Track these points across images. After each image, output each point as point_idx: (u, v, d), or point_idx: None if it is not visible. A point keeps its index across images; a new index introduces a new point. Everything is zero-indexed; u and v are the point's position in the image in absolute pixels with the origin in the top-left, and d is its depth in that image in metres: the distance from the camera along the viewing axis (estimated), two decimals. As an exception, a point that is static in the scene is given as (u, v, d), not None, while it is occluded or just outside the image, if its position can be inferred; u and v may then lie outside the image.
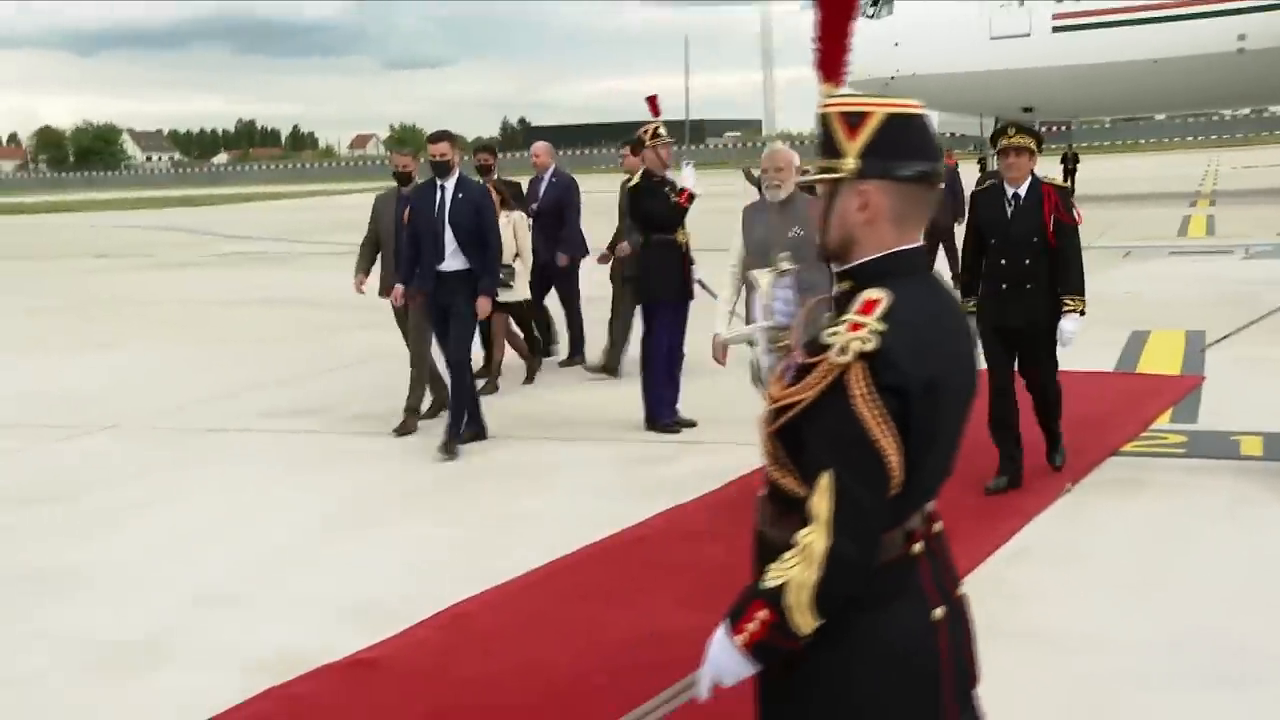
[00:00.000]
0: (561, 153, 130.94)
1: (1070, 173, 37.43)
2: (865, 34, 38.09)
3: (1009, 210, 6.52)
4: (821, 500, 2.07)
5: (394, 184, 9.04)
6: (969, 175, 19.91)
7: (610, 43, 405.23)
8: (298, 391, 10.19)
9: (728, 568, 5.44)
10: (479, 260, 7.95)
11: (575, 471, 7.43)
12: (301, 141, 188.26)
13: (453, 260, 7.94)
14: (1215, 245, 19.45)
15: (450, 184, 8.01)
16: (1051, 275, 6.48)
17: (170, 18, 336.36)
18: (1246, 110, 55.10)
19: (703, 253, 8.76)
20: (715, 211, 13.10)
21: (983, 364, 6.31)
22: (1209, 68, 32.91)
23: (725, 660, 2.19)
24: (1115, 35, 33.73)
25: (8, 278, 22.66)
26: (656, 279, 8.38)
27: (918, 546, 2.20)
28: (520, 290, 10.00)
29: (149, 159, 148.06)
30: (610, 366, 10.32)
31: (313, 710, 4.30)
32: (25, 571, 5.87)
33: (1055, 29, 34.90)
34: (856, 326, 2.07)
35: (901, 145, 2.17)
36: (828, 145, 2.21)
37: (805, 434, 2.12)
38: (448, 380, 8.27)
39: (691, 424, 8.34)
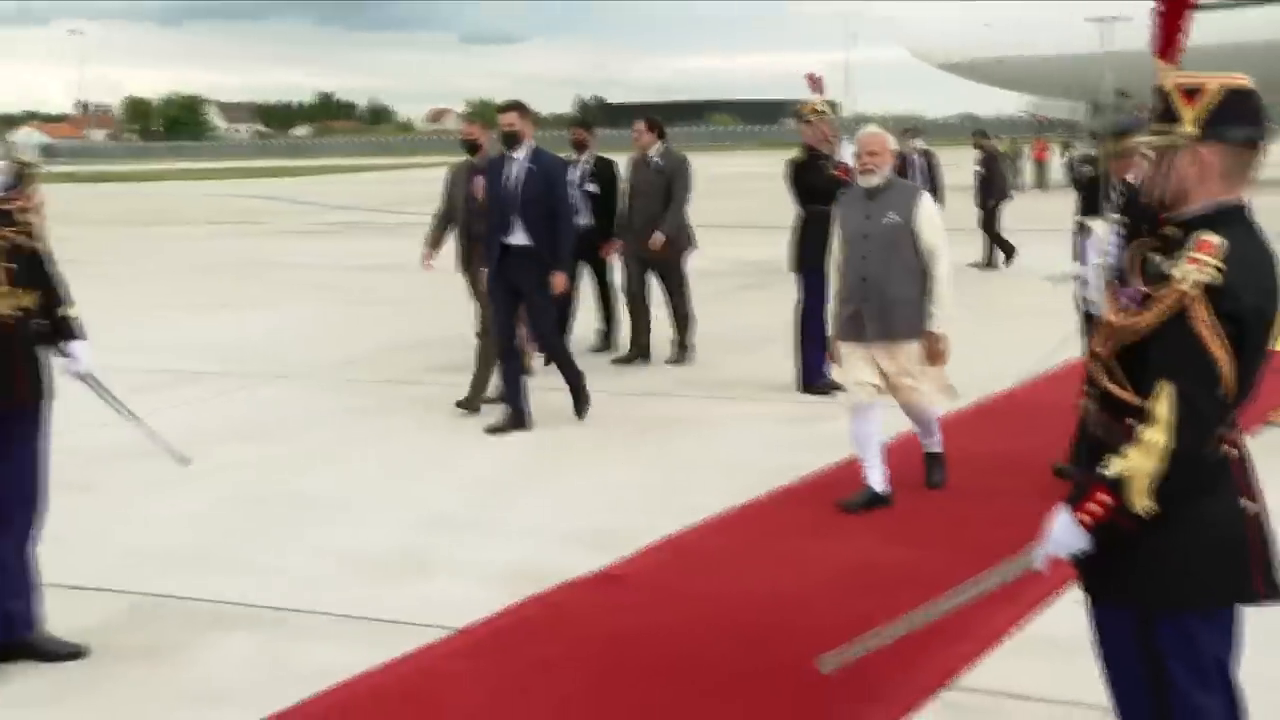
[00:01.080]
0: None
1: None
2: (955, 16, 38.34)
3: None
4: (1162, 405, 2.55)
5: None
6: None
7: (683, 21, 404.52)
8: (453, 351, 10.77)
9: (919, 512, 5.99)
10: (549, 236, 7.74)
11: (742, 427, 7.93)
12: (379, 114, 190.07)
13: (520, 235, 7.74)
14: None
15: (521, 155, 7.79)
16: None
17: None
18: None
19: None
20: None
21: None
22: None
23: (1066, 537, 2.68)
24: (1219, 17, 33.59)
25: (141, 242, 23.58)
26: (815, 248, 8.82)
27: (1232, 450, 2.67)
28: None
29: (234, 130, 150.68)
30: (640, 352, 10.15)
31: (573, 615, 4.86)
32: (283, 497, 6.51)
33: (1156, 11, 34.70)
34: (1195, 262, 2.54)
35: (1232, 114, 2.63)
36: (1165, 113, 2.68)
37: (1150, 351, 2.59)
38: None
39: (842, 387, 8.80)
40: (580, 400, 8.13)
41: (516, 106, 7.87)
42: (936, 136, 19.12)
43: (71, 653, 4.48)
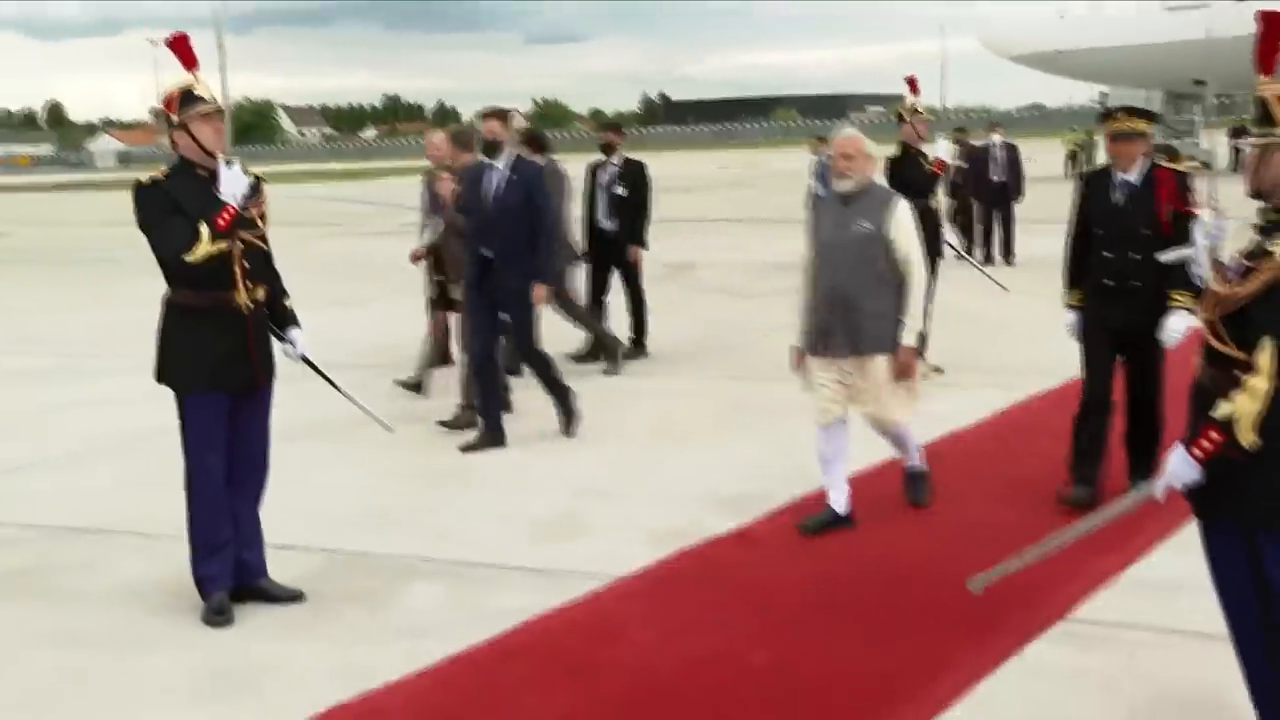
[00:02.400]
0: (702, 127, 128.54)
1: (1239, 149, 37.27)
2: (1032, 9, 38.54)
3: (1117, 198, 5.95)
4: (1265, 357, 3.12)
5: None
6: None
7: (745, 18, 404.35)
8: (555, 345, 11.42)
9: (1024, 479, 6.54)
10: (530, 246, 7.52)
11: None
12: (446, 116, 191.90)
13: (501, 246, 7.53)
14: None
15: (501, 164, 7.55)
16: (1164, 274, 5.72)
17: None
18: None
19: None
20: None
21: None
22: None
23: (1182, 469, 3.27)
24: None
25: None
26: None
27: None
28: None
29: (301, 133, 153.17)
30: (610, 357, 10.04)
31: (719, 566, 5.49)
32: (439, 470, 7.23)
33: (1237, -2, 34.71)
34: (1292, 241, 3.10)
35: None
36: (1264, 118, 3.25)
37: (1252, 313, 3.16)
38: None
39: (939, 370, 9.36)
40: (568, 417, 7.90)
41: (498, 114, 7.67)
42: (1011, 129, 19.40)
43: (293, 596, 5.18)
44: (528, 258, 7.54)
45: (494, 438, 7.63)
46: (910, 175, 9.39)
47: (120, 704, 4.37)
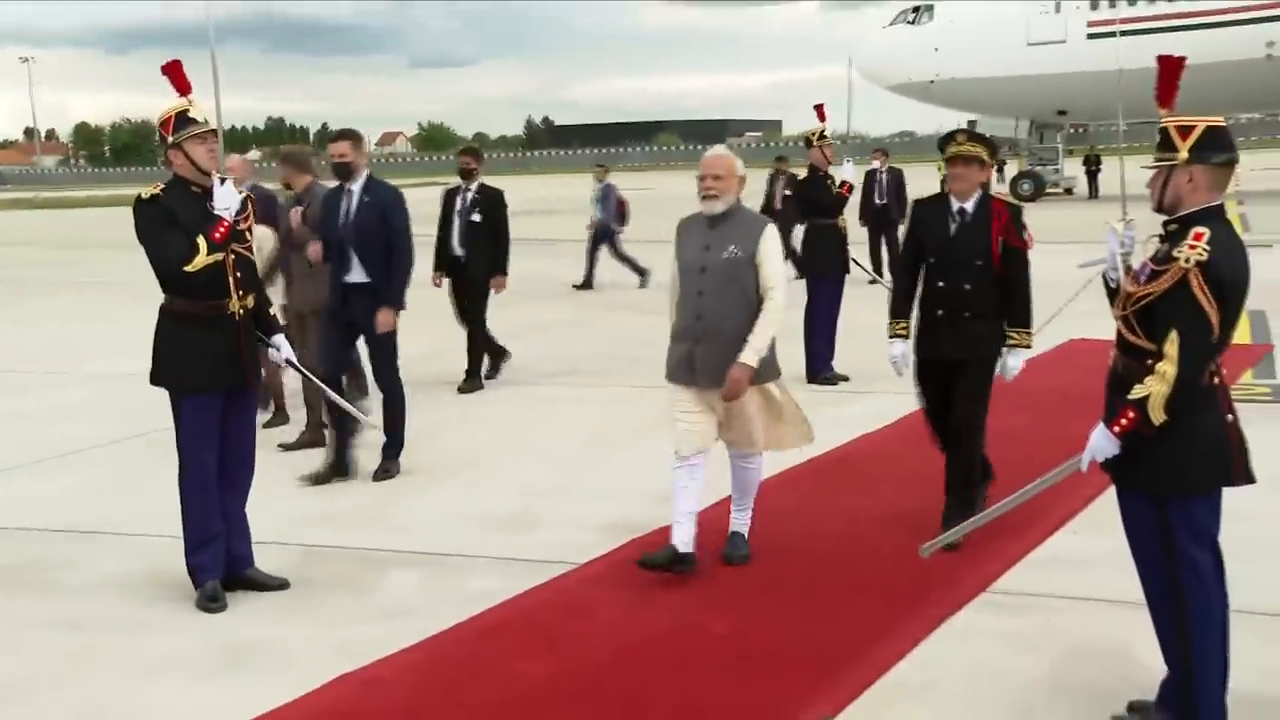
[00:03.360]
0: (589, 151, 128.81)
1: (1093, 174, 39.04)
2: (906, 40, 39.76)
3: (952, 227, 5.77)
4: (1172, 346, 3.63)
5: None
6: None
7: (630, 43, 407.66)
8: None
9: (929, 475, 7.04)
10: (382, 270, 7.14)
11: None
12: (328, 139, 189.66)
13: (358, 272, 7.19)
14: (1254, 240, 20.89)
15: (356, 188, 7.20)
16: (994, 305, 5.74)
17: (198, 17, 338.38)
18: (1258, 114, 56.23)
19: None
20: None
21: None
22: (1239, 73, 34.33)
23: (1103, 444, 3.77)
24: (1148, 41, 35.21)
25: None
26: (821, 256, 9.98)
27: (1216, 380, 3.76)
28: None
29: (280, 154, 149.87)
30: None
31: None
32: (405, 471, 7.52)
33: (1090, 35, 36.40)
34: (1192, 248, 3.63)
35: (1214, 144, 3.72)
36: (1165, 144, 3.77)
37: (1157, 310, 3.67)
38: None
39: (845, 378, 9.90)
40: (391, 451, 7.41)
41: (348, 135, 7.29)
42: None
43: (279, 584, 5.46)
44: (383, 282, 7.17)
45: (341, 467, 7.23)
46: (818, 195, 9.97)
47: (128, 681, 4.62)
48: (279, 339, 5.53)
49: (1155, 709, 3.93)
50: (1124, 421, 3.72)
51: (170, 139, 5.17)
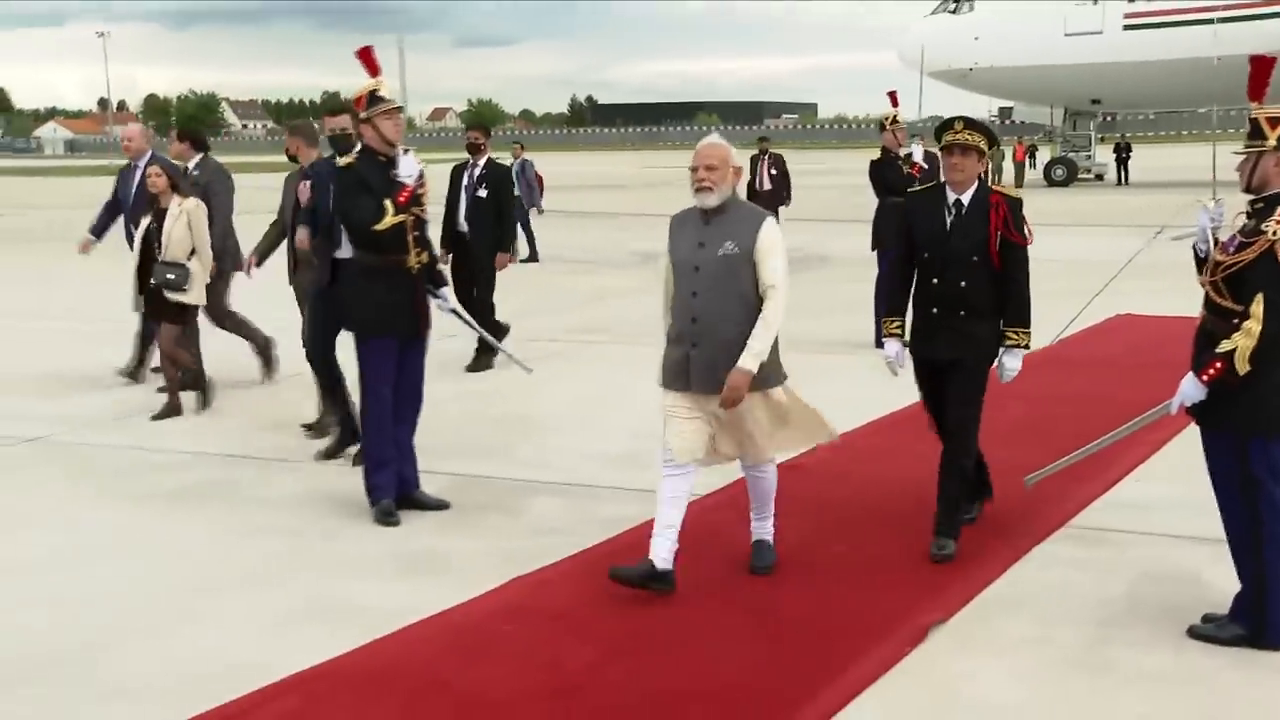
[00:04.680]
0: (631, 129, 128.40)
1: (1123, 161, 39.18)
2: (947, 28, 39.87)
3: (947, 220, 5.24)
4: (1258, 307, 4.10)
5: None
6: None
7: (669, 26, 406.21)
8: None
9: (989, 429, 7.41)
10: None
11: (842, 373, 9.44)
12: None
13: (348, 249, 6.28)
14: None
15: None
16: (992, 303, 5.25)
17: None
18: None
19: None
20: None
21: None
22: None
23: (1192, 390, 4.25)
24: (1183, 34, 35.29)
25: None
26: (891, 232, 10.40)
27: None
28: (195, 294, 8.16)
29: (245, 126, 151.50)
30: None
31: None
32: (517, 415, 8.02)
33: (1126, 27, 36.48)
34: (1279, 223, 4.08)
35: None
36: (1256, 133, 4.22)
37: (1245, 276, 4.13)
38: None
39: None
40: (343, 439, 6.99)
41: (349, 109, 6.57)
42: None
43: (441, 505, 6.01)
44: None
45: (351, 436, 6.87)
46: (889, 175, 10.40)
47: (330, 578, 5.18)
48: (446, 290, 6.07)
49: (1229, 620, 4.40)
50: (1211, 371, 4.19)
51: (362, 114, 5.68)
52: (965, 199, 5.23)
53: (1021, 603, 4.86)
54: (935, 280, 5.24)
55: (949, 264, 5.20)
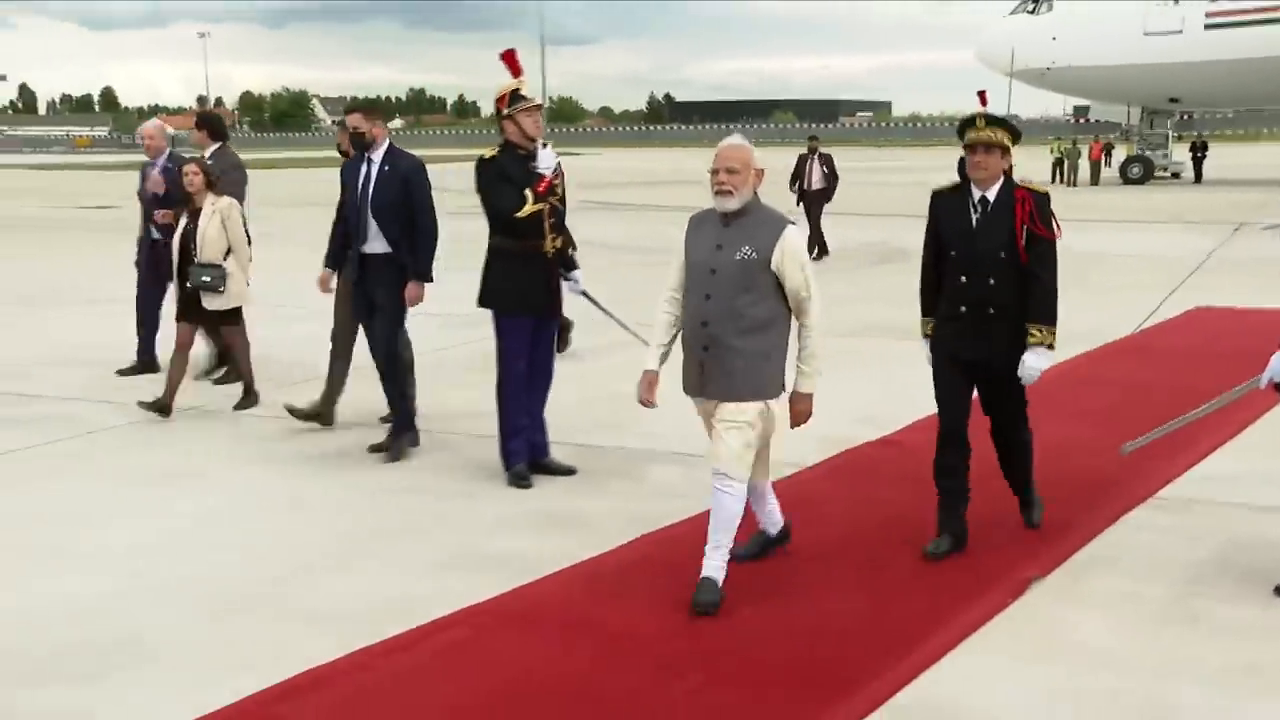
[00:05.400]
0: (707, 126, 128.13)
1: (1199, 160, 38.72)
2: (1026, 28, 39.65)
3: (973, 218, 5.08)
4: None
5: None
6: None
7: (742, 26, 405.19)
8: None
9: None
10: (406, 242, 6.61)
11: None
12: (465, 109, 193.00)
13: (375, 243, 6.64)
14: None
15: (377, 157, 6.66)
16: (1022, 301, 5.05)
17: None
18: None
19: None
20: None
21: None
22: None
23: (1280, 367, 4.52)
24: (1265, 33, 34.75)
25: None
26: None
27: None
28: (236, 295, 7.96)
29: (333, 122, 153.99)
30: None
31: (873, 461, 6.72)
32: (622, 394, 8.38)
33: (1208, 26, 36.01)
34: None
35: None
36: None
37: None
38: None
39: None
40: (399, 426, 6.93)
41: (359, 106, 6.82)
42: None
43: (569, 470, 6.42)
44: (406, 255, 6.66)
45: (409, 436, 6.95)
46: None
47: (475, 533, 5.62)
48: (577, 273, 6.48)
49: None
50: (1300, 349, 4.47)
51: (505, 111, 6.10)
52: (991, 195, 5.06)
53: (1113, 562, 5.15)
54: (964, 279, 5.11)
55: (977, 262, 5.06)
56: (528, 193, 6.00)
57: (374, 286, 6.72)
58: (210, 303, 7.87)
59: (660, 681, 4.08)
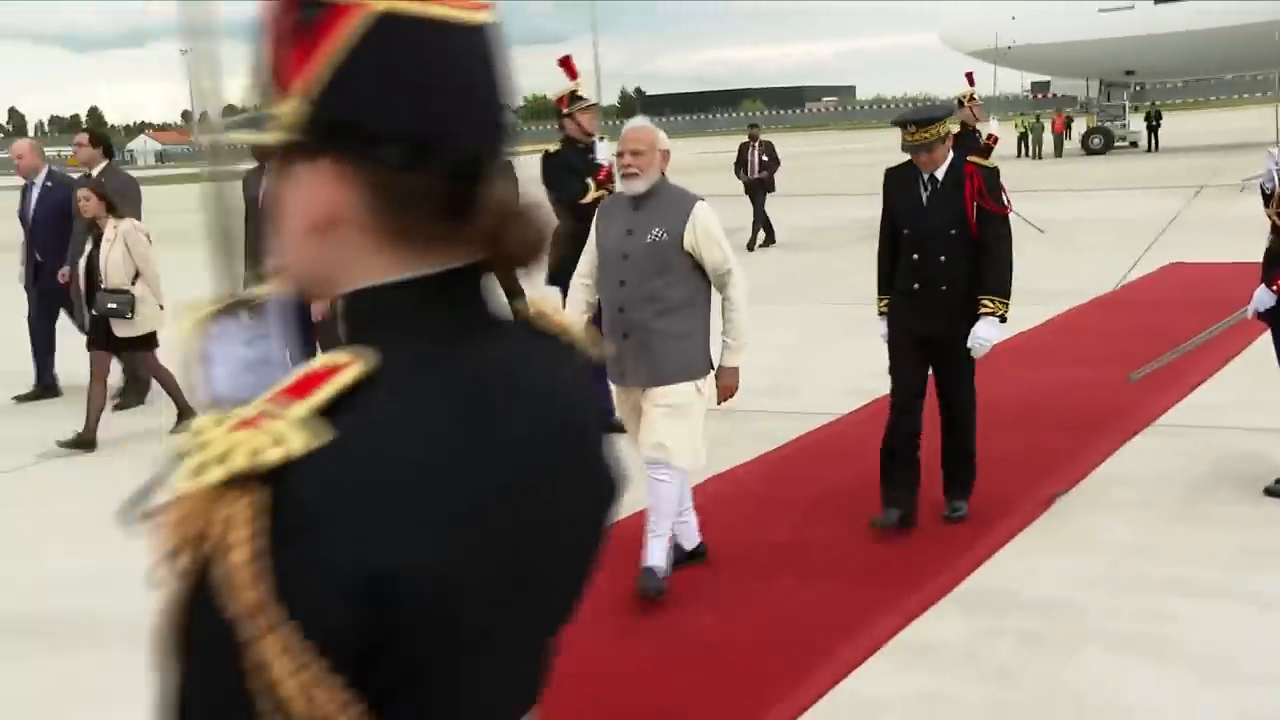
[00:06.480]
0: (678, 118, 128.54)
1: (1154, 129, 39.46)
2: (985, 9, 40.31)
3: (923, 195, 5.02)
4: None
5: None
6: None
7: (711, 17, 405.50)
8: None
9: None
10: None
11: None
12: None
13: None
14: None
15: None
16: (973, 276, 4.95)
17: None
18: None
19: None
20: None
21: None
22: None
23: (1265, 298, 5.12)
24: (1210, 6, 35.46)
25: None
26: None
27: None
28: (147, 319, 7.30)
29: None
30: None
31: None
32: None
33: (1158, 1, 36.72)
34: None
35: None
36: None
37: None
38: None
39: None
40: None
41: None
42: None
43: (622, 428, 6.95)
44: None
45: None
46: (969, 146, 11.21)
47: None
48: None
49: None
50: (1277, 287, 5.05)
51: (566, 110, 6.63)
52: (940, 173, 4.99)
53: (1123, 478, 5.76)
54: (915, 255, 5.04)
55: (927, 238, 4.99)
56: (589, 181, 6.54)
57: None
58: (121, 330, 7.24)
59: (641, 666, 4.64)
